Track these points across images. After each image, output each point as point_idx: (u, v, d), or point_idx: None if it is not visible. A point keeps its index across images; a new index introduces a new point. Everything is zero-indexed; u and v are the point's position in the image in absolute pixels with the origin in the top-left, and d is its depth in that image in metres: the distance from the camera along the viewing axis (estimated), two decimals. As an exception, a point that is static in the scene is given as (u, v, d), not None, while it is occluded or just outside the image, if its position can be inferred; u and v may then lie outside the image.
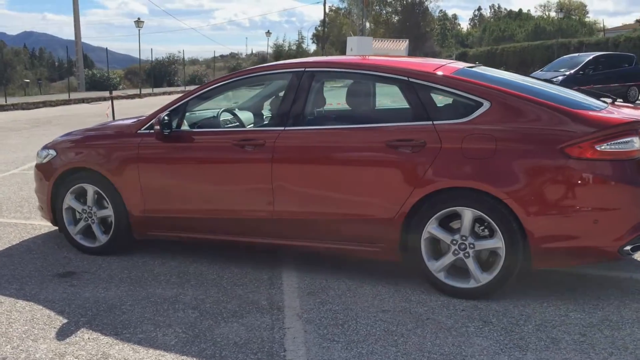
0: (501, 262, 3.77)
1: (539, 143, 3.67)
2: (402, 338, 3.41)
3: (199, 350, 3.32)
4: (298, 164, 4.21)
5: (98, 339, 3.47)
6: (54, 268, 4.67)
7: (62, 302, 4.00)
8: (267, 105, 5.18)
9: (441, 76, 4.03)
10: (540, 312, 3.71)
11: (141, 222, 4.73)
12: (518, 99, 3.83)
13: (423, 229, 3.92)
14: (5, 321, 3.72)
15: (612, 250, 3.66)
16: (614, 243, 3.64)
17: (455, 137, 3.82)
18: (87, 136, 5.08)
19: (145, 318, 3.74)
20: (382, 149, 3.96)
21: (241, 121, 5.06)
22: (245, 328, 3.57)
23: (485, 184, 3.72)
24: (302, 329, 3.55)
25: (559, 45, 35.59)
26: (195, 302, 3.98)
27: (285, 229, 4.31)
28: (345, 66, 4.48)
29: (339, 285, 4.21)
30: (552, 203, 3.64)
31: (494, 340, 3.37)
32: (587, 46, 33.28)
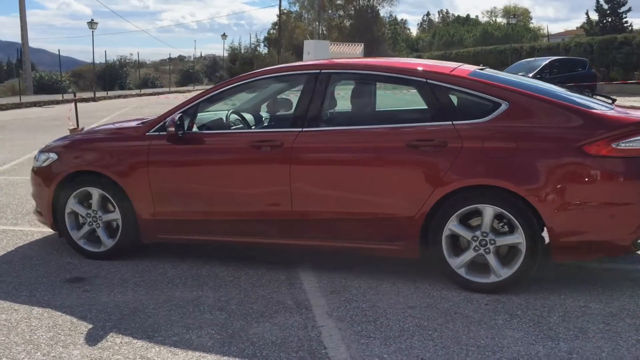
0: (522, 257, 3.89)
1: (558, 142, 3.81)
2: (436, 332, 3.48)
3: (239, 350, 3.31)
4: (317, 164, 4.25)
5: (131, 342, 3.42)
6: (60, 274, 4.56)
7: (81, 308, 3.91)
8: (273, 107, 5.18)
9: (459, 77, 4.14)
10: (561, 304, 3.85)
11: (151, 226, 4.67)
12: (535, 100, 3.96)
13: (444, 227, 4.01)
14: (27, 328, 3.62)
15: (626, 243, 3.83)
16: (629, 236, 3.81)
17: (476, 136, 3.92)
18: (92, 139, 4.97)
19: (172, 321, 3.70)
20: (403, 149, 4.04)
21: (248, 122, 5.05)
22: (278, 328, 3.58)
23: (507, 181, 3.83)
24: (335, 326, 3.58)
25: (512, 50, 36.54)
26: (220, 303, 3.96)
27: (303, 229, 4.33)
28: (362, 67, 4.54)
29: (359, 283, 4.26)
30: (571, 199, 3.78)
31: (524, 331, 3.47)
32: (539, 51, 34.31)
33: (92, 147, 4.84)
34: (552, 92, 4.22)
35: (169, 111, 4.69)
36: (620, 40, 28.37)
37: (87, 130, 5.47)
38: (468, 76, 4.17)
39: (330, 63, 4.57)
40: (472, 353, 3.23)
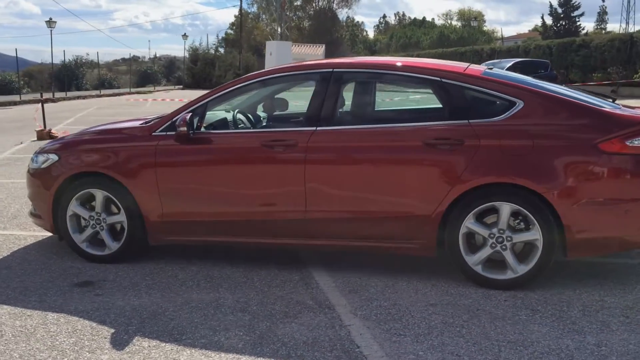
0: (538, 253, 3.97)
1: (573, 140, 3.91)
2: (464, 329, 3.52)
3: (272, 351, 3.29)
4: (333, 163, 4.24)
5: (159, 346, 3.36)
6: (67, 278, 4.44)
7: (97, 312, 3.82)
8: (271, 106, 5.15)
9: (473, 77, 4.19)
10: (577, 299, 3.94)
11: (159, 228, 4.59)
12: (549, 99, 4.06)
13: (461, 225, 4.06)
14: (46, 334, 3.52)
15: (639, 238, 3.95)
16: None
17: (493, 135, 3.99)
18: (94, 139, 4.85)
19: (196, 323, 3.65)
20: (420, 148, 4.07)
21: (253, 121, 5.01)
22: (305, 328, 3.57)
23: (525, 179, 3.91)
24: (363, 325, 3.59)
25: (472, 52, 37.19)
26: (240, 304, 3.92)
27: (318, 229, 4.32)
28: (376, 67, 4.56)
29: (375, 282, 4.28)
30: (586, 196, 3.88)
31: (549, 326, 3.55)
32: (499, 53, 35.05)
33: (95, 148, 4.73)
34: (563, 91, 4.31)
35: (176, 111, 4.63)
36: (579, 43, 29.19)
37: (82, 131, 5.32)
38: (482, 75, 4.23)
39: (343, 62, 4.58)
40: (504, 348, 3.28)
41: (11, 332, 3.55)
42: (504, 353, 3.23)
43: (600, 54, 26.95)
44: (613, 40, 27.03)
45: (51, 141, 5.23)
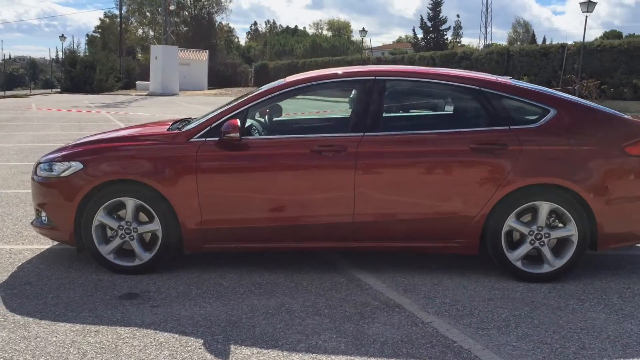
0: (573, 247, 4.36)
1: (604, 144, 4.35)
2: (535, 320, 3.81)
3: (377, 350, 3.38)
4: (382, 168, 4.39)
5: (263, 352, 3.35)
6: (104, 291, 4.24)
7: (168, 323, 3.71)
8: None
9: (508, 85, 4.53)
10: (609, 287, 4.38)
11: (197, 235, 4.50)
12: (578, 107, 4.48)
13: (504, 223, 4.36)
14: (132, 349, 3.38)
15: None
16: None
17: (533, 139, 4.34)
18: (124, 146, 4.63)
19: (280, 329, 3.66)
20: (467, 152, 4.33)
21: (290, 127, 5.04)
22: (391, 327, 3.69)
23: (564, 179, 4.29)
24: (443, 321, 3.77)
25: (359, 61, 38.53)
26: (310, 309, 3.96)
27: (365, 231, 4.45)
28: (417, 75, 4.76)
29: (421, 281, 4.47)
30: (616, 194, 4.34)
31: (603, 312, 3.93)
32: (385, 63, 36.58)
33: (126, 155, 4.53)
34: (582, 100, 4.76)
35: (215, 116, 4.57)
36: (460, 55, 31.21)
37: (97, 138, 5.05)
38: (515, 84, 4.58)
39: (383, 70, 4.74)
40: (581, 335, 3.60)
41: (92, 349, 3.37)
42: (586, 339, 3.54)
43: (480, 65, 29.00)
44: (492, 53, 29.22)
45: (62, 149, 4.91)
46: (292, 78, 4.78)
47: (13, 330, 3.61)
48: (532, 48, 28.70)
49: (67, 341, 3.47)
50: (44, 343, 3.44)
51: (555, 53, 26.61)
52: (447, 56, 31.78)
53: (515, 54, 28.00)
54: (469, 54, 31.12)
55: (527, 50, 28.18)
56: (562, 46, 27.07)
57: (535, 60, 26.70)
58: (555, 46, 27.89)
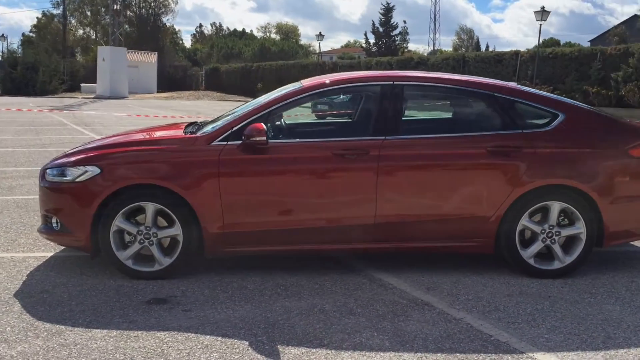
0: (582, 244, 4.59)
1: (610, 147, 4.60)
2: (558, 313, 4.00)
3: (421, 346, 3.49)
4: (403, 170, 4.51)
5: (312, 352, 3.41)
6: (129, 297, 4.20)
7: (207, 326, 3.73)
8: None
9: (520, 90, 4.73)
10: (616, 281, 4.63)
11: (218, 239, 4.51)
12: (584, 111, 4.72)
13: (518, 222, 4.55)
14: (179, 353, 3.39)
15: None
16: None
17: (545, 142, 4.55)
18: (143, 150, 4.59)
19: (320, 328, 3.72)
20: (484, 155, 4.51)
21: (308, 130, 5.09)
22: (426, 323, 3.81)
23: (574, 180, 4.51)
24: (473, 317, 3.92)
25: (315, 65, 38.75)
26: (343, 309, 4.03)
27: (386, 232, 4.56)
28: (432, 80, 4.89)
29: (441, 280, 4.61)
30: (621, 193, 4.59)
31: (617, 304, 4.16)
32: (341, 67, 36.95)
33: (146, 159, 4.50)
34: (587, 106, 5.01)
35: (235, 120, 4.59)
36: (417, 60, 31.85)
37: (110, 142, 4.98)
38: (525, 90, 4.78)
39: (401, 75, 4.88)
40: (605, 326, 3.81)
41: (139, 355, 3.36)
42: (609, 330, 3.75)
43: (437, 69, 29.62)
44: (448, 59, 29.94)
45: (72, 153, 4.82)
46: (310, 83, 4.84)
47: (48, 338, 3.54)
48: (487, 54, 29.59)
49: (109, 347, 3.43)
50: (86, 350, 3.40)
51: (510, 59, 27.51)
52: (404, 61, 32.42)
53: (471, 60, 28.80)
54: (426, 60, 31.83)
55: (482, 57, 29.02)
56: (516, 53, 28.00)
57: (490, 67, 27.50)
58: (509, 53, 28.81)
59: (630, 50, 23.04)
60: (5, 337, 3.55)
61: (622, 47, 24.70)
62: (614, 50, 23.94)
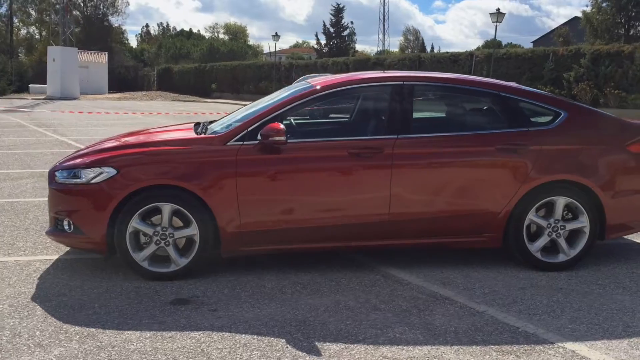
0: (585, 238, 4.79)
1: (610, 144, 4.82)
2: (574, 304, 4.17)
3: (454, 339, 3.59)
4: (415, 168, 4.62)
5: (350, 347, 3.47)
6: (151, 298, 4.18)
7: (240, 325, 3.75)
8: None
9: (524, 90, 4.90)
10: (617, 273, 4.83)
11: (235, 239, 4.52)
12: (585, 110, 4.93)
13: (525, 217, 4.72)
14: (219, 352, 3.40)
15: None
16: None
17: (550, 140, 4.73)
18: (159, 151, 4.55)
19: (352, 325, 3.78)
20: (493, 152, 4.66)
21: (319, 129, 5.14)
22: (452, 317, 3.91)
23: (578, 176, 4.71)
24: (495, 310, 4.05)
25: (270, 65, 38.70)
26: (365, 305, 4.10)
27: (400, 229, 4.66)
28: (441, 80, 5.02)
29: (453, 274, 4.73)
30: (621, 187, 4.81)
31: (626, 294, 4.36)
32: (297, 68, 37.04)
33: (163, 160, 4.47)
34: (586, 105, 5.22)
35: (250, 120, 4.60)
36: (373, 61, 32.22)
37: (122, 143, 4.91)
38: (528, 89, 4.96)
39: (411, 75, 4.97)
40: (622, 315, 3.99)
41: (181, 355, 3.36)
42: (626, 319, 3.94)
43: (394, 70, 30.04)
44: (404, 60, 30.40)
45: (83, 155, 4.75)
46: (324, 83, 4.88)
47: (82, 341, 3.50)
48: (443, 55, 30.17)
49: (148, 349, 3.42)
50: (125, 352, 3.37)
51: (465, 60, 28.14)
52: (361, 62, 32.79)
53: (427, 60, 29.33)
54: (382, 60, 32.23)
55: (438, 57, 29.59)
56: (471, 54, 28.67)
57: (446, 67, 28.04)
58: (464, 54, 29.47)
59: (582, 51, 23.89)
60: (38, 342, 3.49)
61: (573, 48, 25.60)
62: (566, 51, 24.78)
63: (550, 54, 25.28)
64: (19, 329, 3.65)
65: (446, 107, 5.25)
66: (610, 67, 21.95)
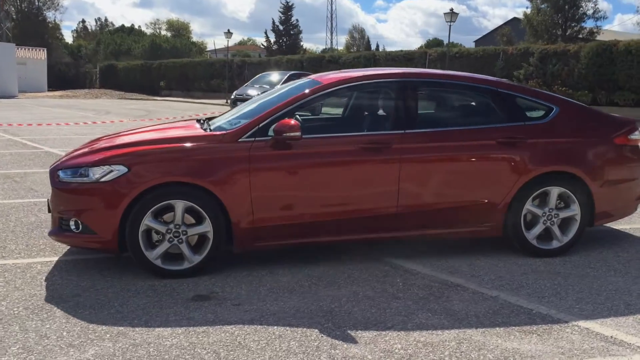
0: (577, 225, 5.07)
1: (598, 136, 5.12)
2: (577, 286, 4.42)
3: (476, 322, 3.77)
4: (421, 161, 4.78)
5: (384, 334, 3.60)
6: (171, 295, 4.20)
7: (270, 317, 3.82)
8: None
9: (518, 86, 5.14)
10: (604, 257, 5.13)
11: (249, 234, 4.58)
12: (574, 105, 5.21)
13: (523, 207, 4.97)
14: (257, 344, 3.46)
15: (633, 209, 5.35)
16: (635, 202, 5.34)
17: (545, 133, 4.98)
18: (170, 147, 4.54)
19: (375, 314, 3.90)
20: (494, 146, 4.87)
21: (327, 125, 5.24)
22: (469, 303, 4.09)
23: (571, 167, 4.98)
24: (507, 294, 4.25)
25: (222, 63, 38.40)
26: (386, 294, 4.24)
27: (407, 221, 4.81)
28: (443, 77, 5.20)
29: (457, 263, 4.93)
30: (608, 177, 5.12)
31: (618, 276, 4.65)
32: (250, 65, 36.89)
33: (176, 157, 4.48)
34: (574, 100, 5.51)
35: (261, 117, 4.66)
36: (328, 58, 32.42)
37: (132, 140, 4.85)
38: (521, 85, 5.20)
39: (414, 72, 5.15)
40: (621, 295, 4.27)
41: (221, 349, 3.41)
42: (625, 298, 4.21)
43: (349, 67, 30.32)
44: (359, 57, 30.74)
45: (86, 153, 4.69)
46: (331, 79, 4.98)
47: (115, 339, 3.50)
48: (397, 53, 30.64)
49: (184, 344, 3.45)
50: (163, 348, 3.40)
51: (419, 58, 28.69)
52: (316, 59, 32.99)
53: (382, 58, 29.76)
54: (337, 58, 32.51)
55: (392, 56, 30.03)
56: (424, 52, 29.25)
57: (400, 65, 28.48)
58: (418, 52, 30.07)
59: (530, 50, 24.76)
60: (70, 342, 3.47)
61: (522, 47, 26.48)
62: (515, 50, 25.63)
63: (501, 53, 26.07)
64: (44, 331, 3.61)
65: (447, 102, 5.43)
66: (557, 66, 22.86)
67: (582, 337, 3.58)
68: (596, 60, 21.45)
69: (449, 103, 5.46)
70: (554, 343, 3.50)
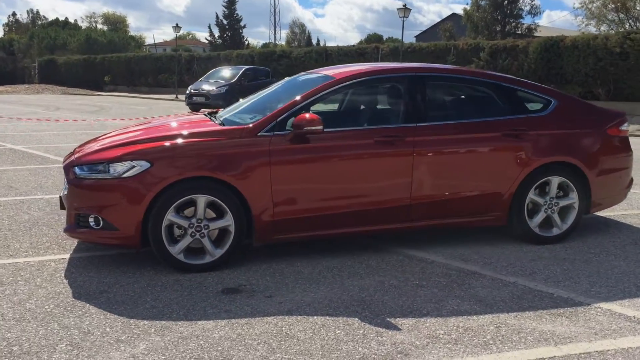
0: (575, 213, 5.34)
1: (594, 128, 5.40)
2: (586, 271, 4.66)
3: (504, 307, 3.95)
4: (433, 154, 4.94)
5: (422, 321, 3.72)
6: (201, 289, 4.21)
7: (305, 308, 3.89)
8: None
9: (518, 80, 5.36)
10: (602, 243, 5.42)
11: (269, 227, 4.63)
12: (569, 98, 5.48)
13: (526, 196, 5.19)
14: (303, 334, 3.54)
15: (623, 197, 5.66)
16: (624, 191, 5.66)
17: (546, 125, 5.22)
18: (192, 142, 4.52)
19: (406, 302, 4.02)
20: (500, 137, 5.08)
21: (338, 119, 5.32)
22: (491, 288, 4.27)
23: (570, 157, 5.24)
24: (522, 281, 4.45)
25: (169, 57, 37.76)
26: (410, 283, 4.37)
27: (419, 212, 4.96)
28: (449, 72, 5.37)
29: (468, 251, 5.10)
30: (602, 166, 5.40)
31: (620, 260, 4.93)
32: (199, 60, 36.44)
33: (198, 151, 4.47)
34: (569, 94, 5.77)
35: (278, 111, 4.70)
36: (279, 53, 32.35)
37: (148, 136, 4.76)
38: (520, 79, 5.42)
39: (422, 67, 5.31)
40: (629, 277, 4.53)
41: (271, 340, 3.47)
42: (632, 280, 4.48)
43: (301, 62, 30.41)
44: (310, 52, 30.84)
45: (108, 148, 4.63)
46: (345, 73, 5.06)
47: (162, 333, 3.51)
48: (350, 49, 30.87)
49: (232, 335, 3.49)
50: (212, 340, 3.43)
51: (371, 53, 28.99)
52: (267, 54, 32.83)
53: (334, 53, 29.91)
54: (289, 53, 32.48)
55: (345, 50, 30.23)
56: (377, 47, 29.60)
57: (353, 60, 28.70)
58: (370, 47, 30.36)
59: (481, 45, 25.43)
60: (116, 337, 3.45)
61: (473, 42, 27.15)
62: (466, 45, 26.26)
63: (452, 48, 26.66)
64: (85, 327, 3.58)
65: (456, 96, 5.59)
66: (507, 60, 23.58)
67: (607, 319, 3.80)
68: (544, 55, 22.25)
69: (457, 96, 5.62)
70: (585, 324, 3.71)
